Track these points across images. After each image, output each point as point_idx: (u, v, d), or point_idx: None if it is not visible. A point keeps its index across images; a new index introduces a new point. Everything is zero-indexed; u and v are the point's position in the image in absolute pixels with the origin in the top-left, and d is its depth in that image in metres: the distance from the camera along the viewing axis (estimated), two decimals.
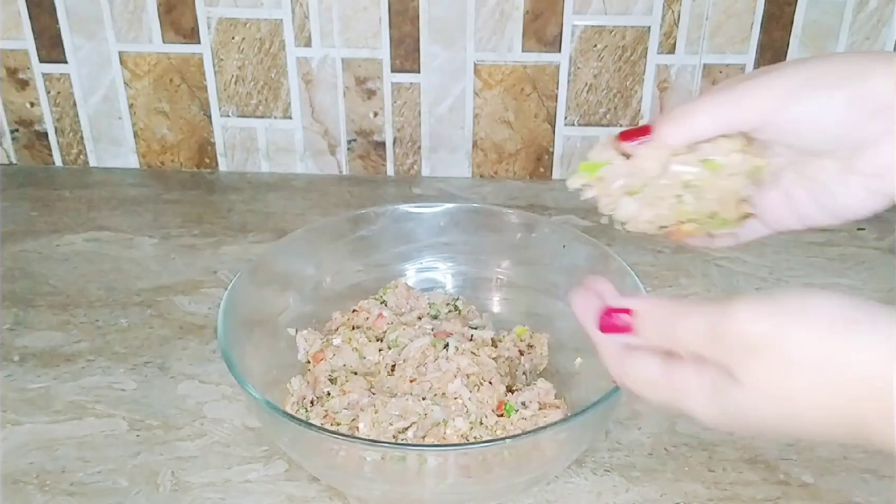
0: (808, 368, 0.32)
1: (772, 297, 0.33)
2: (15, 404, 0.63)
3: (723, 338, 0.34)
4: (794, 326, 0.32)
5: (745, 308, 0.33)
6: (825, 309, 0.32)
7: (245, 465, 0.58)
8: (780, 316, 0.32)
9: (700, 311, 0.35)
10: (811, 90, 0.38)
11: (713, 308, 0.34)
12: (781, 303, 0.33)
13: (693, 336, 0.35)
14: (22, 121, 0.95)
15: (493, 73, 0.89)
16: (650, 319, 0.37)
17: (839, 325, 0.32)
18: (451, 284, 0.70)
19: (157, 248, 0.82)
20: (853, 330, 0.31)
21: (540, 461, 0.52)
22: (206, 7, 0.87)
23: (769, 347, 0.32)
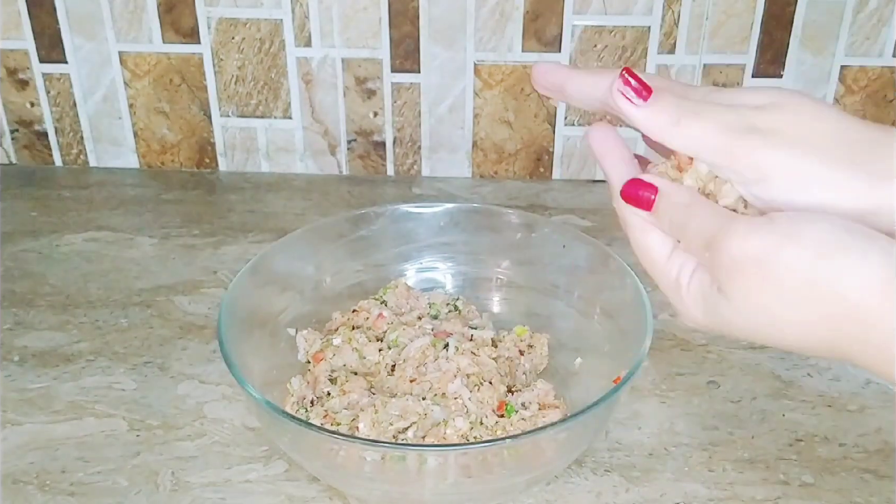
0: (795, 289, 0.33)
1: (770, 219, 0.34)
2: (15, 404, 0.63)
3: (718, 251, 0.35)
4: (785, 249, 0.33)
5: (742, 228, 0.34)
6: (818, 234, 0.33)
7: (245, 465, 0.58)
8: (772, 237, 0.33)
9: (712, 216, 0.36)
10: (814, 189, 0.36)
11: (721, 219, 0.36)
12: (776, 225, 0.34)
13: (698, 237, 0.36)
14: (22, 121, 0.95)
15: (493, 73, 0.89)
16: (671, 204, 0.38)
17: (830, 250, 0.32)
18: (451, 284, 0.70)
19: (157, 248, 0.82)
20: (842, 256, 0.32)
21: (540, 461, 0.52)
22: (206, 7, 0.87)
23: (758, 268, 0.34)
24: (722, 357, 0.67)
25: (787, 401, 0.63)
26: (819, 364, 0.67)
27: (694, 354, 0.68)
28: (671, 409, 0.63)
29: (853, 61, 0.87)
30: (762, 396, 0.64)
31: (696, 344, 0.69)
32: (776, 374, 0.66)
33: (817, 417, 0.62)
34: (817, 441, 0.60)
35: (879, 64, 0.87)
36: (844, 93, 0.89)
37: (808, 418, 0.62)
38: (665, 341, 0.69)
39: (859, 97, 0.89)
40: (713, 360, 0.67)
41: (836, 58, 0.87)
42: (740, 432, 0.61)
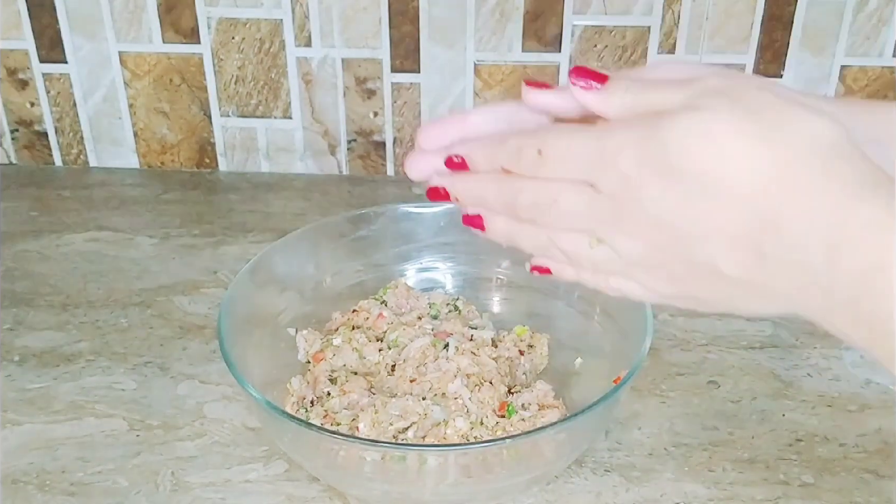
0: (746, 202, 0.32)
1: (737, 106, 0.32)
2: (15, 404, 0.63)
3: (648, 147, 0.33)
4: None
5: (693, 116, 0.32)
6: (753, 108, 0.32)
7: (245, 465, 0.58)
8: (742, 136, 0.32)
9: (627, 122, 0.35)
10: None
11: (651, 115, 0.34)
12: (751, 115, 0.32)
13: (622, 134, 0.35)
14: (22, 121, 0.95)
15: (493, 73, 0.89)
16: (622, 86, 0.36)
17: (759, 126, 0.32)
18: (451, 284, 0.70)
19: (157, 248, 0.82)
20: (771, 130, 0.32)
21: (540, 461, 0.52)
22: (206, 7, 0.87)
23: (705, 181, 0.33)
24: (722, 357, 0.67)
25: (787, 401, 0.63)
26: (819, 364, 0.67)
27: (694, 354, 0.68)
28: (671, 409, 0.63)
29: (853, 61, 0.87)
30: (762, 396, 0.64)
31: (696, 344, 0.69)
32: (776, 374, 0.66)
33: (817, 417, 0.62)
34: (817, 441, 0.60)
35: (879, 64, 0.87)
36: (844, 93, 0.88)
37: (808, 418, 0.62)
38: (665, 341, 0.69)
39: (859, 97, 0.89)
40: (713, 360, 0.67)
41: (836, 58, 0.87)
42: (740, 432, 0.61)
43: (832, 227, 0.30)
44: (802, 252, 0.31)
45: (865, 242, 0.30)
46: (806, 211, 0.31)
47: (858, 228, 0.30)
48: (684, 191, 0.33)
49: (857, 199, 0.30)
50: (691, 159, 0.32)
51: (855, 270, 0.30)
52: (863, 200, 0.30)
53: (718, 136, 0.32)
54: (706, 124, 0.32)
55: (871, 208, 0.30)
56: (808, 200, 0.31)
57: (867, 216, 0.30)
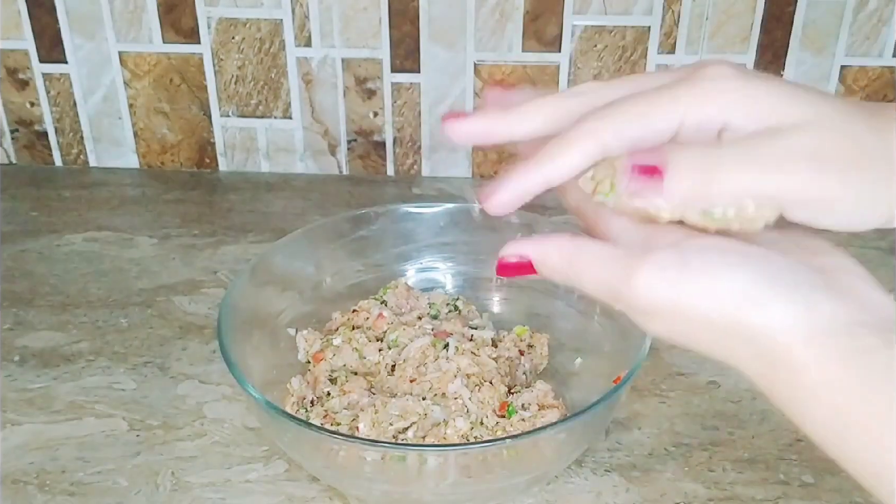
0: (710, 331, 0.33)
1: (681, 261, 0.32)
2: (15, 404, 0.63)
3: (623, 300, 0.34)
4: (701, 300, 0.32)
5: (648, 276, 0.33)
6: (734, 285, 0.32)
7: (245, 465, 0.58)
8: (687, 286, 0.32)
9: (604, 266, 0.34)
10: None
11: (617, 268, 0.34)
12: (690, 271, 0.32)
13: (594, 288, 0.35)
14: (22, 121, 0.95)
15: (494, 73, 0.89)
16: (548, 266, 0.37)
17: (745, 303, 0.32)
18: (451, 284, 0.70)
19: (157, 248, 0.82)
20: (747, 305, 0.31)
21: (540, 461, 0.52)
22: (206, 7, 0.87)
23: (670, 315, 0.33)
24: None
25: None
26: None
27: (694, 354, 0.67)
28: (671, 409, 0.63)
29: (853, 61, 0.87)
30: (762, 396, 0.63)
31: None
32: None
33: None
34: None
35: (879, 64, 0.87)
36: (844, 93, 0.88)
37: None
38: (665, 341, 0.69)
39: (859, 97, 0.89)
40: (713, 360, 0.67)
41: (836, 58, 0.87)
42: (740, 432, 0.61)
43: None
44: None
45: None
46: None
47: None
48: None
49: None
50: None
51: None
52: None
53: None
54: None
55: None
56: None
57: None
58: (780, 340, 0.31)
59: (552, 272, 0.37)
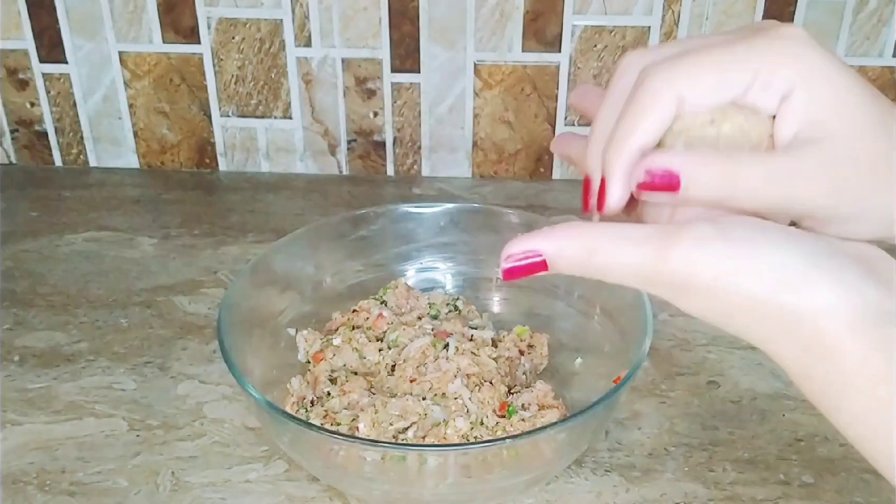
0: (750, 311, 0.31)
1: (722, 236, 0.30)
2: (15, 404, 0.63)
3: (659, 280, 0.31)
4: (743, 277, 0.30)
5: (687, 251, 0.30)
6: (779, 261, 0.30)
7: (245, 465, 0.58)
8: (729, 262, 0.30)
9: (634, 247, 0.32)
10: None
11: (651, 247, 0.31)
12: (732, 246, 0.30)
13: (623, 273, 0.32)
14: (22, 121, 0.95)
15: (493, 73, 0.89)
16: (566, 258, 0.33)
17: (793, 282, 0.30)
18: (451, 284, 0.70)
19: (157, 248, 0.82)
20: (794, 284, 0.30)
21: (540, 461, 0.52)
22: (206, 7, 0.87)
23: (709, 294, 0.31)
24: (722, 357, 0.67)
25: (787, 401, 0.63)
26: None
27: (694, 354, 0.68)
28: (671, 409, 0.63)
29: (853, 61, 0.87)
30: (762, 396, 0.64)
31: (696, 344, 0.69)
32: (776, 374, 0.66)
33: (817, 417, 0.61)
34: (817, 441, 0.60)
35: (879, 64, 0.87)
36: None
37: (808, 418, 0.62)
38: (665, 341, 0.69)
39: None
40: (713, 360, 0.67)
41: None
42: (740, 432, 0.61)
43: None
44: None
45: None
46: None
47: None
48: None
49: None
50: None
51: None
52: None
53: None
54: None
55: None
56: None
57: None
58: (823, 324, 0.29)
59: (570, 266, 0.33)
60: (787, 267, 0.30)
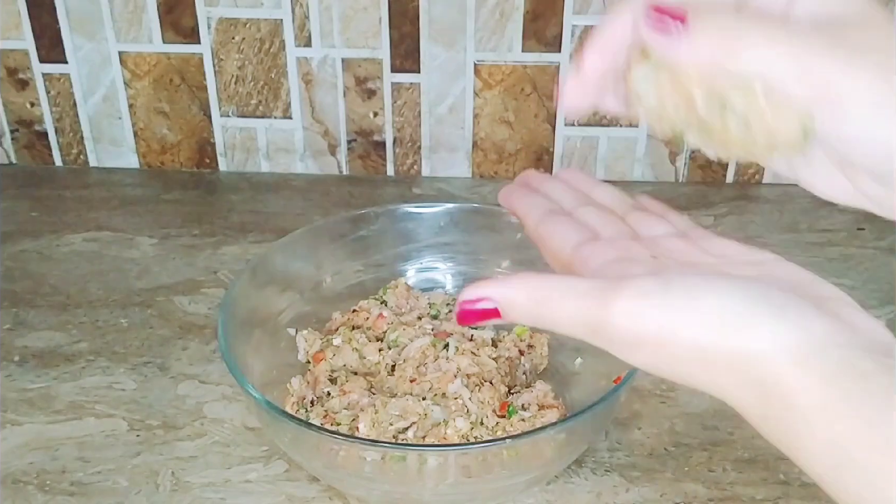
0: (698, 360, 0.30)
1: (662, 288, 0.31)
2: (15, 404, 0.63)
3: (604, 334, 0.32)
4: (685, 326, 0.30)
5: (629, 305, 0.31)
6: (718, 307, 0.30)
7: (245, 465, 0.58)
8: (670, 313, 0.30)
9: (579, 300, 0.32)
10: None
11: (594, 300, 0.32)
12: (672, 297, 0.30)
13: (570, 324, 0.32)
14: (22, 121, 0.95)
15: (493, 73, 0.89)
16: (516, 307, 0.34)
17: (732, 326, 0.30)
18: (451, 284, 0.70)
19: (157, 248, 0.82)
20: (737, 326, 0.30)
21: (540, 461, 0.52)
22: (206, 7, 0.87)
23: (656, 345, 0.31)
24: None
25: None
26: None
27: None
28: (671, 409, 0.63)
29: None
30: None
31: None
32: None
33: None
34: None
35: None
36: None
37: None
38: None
39: None
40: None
41: None
42: (740, 432, 0.61)
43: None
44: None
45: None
46: None
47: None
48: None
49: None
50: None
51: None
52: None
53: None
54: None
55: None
56: None
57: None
58: (771, 363, 0.29)
59: (520, 316, 0.34)
60: (727, 311, 0.30)
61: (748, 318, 0.29)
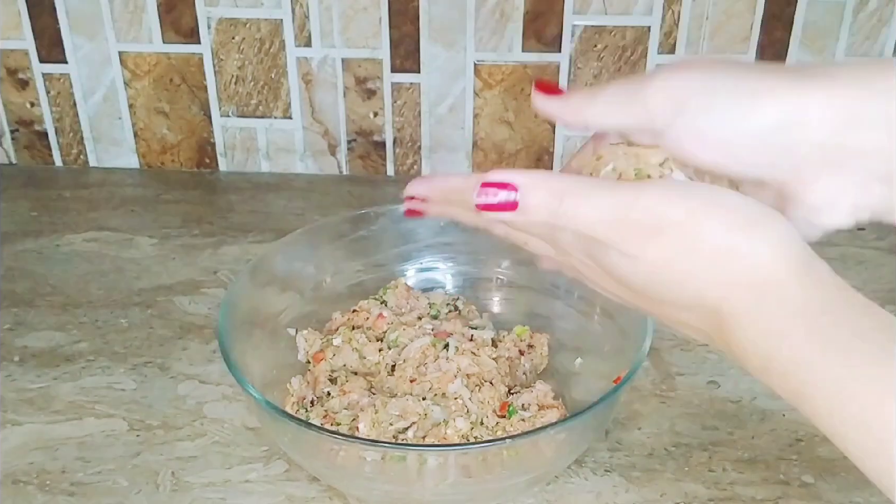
0: (709, 253, 0.33)
1: (684, 185, 0.34)
2: (15, 404, 0.63)
3: (630, 220, 0.34)
4: (705, 216, 0.33)
5: (659, 192, 0.34)
6: (733, 205, 0.33)
7: (245, 465, 0.58)
8: (693, 202, 0.33)
9: (608, 191, 0.35)
10: (727, 98, 0.33)
11: (623, 191, 0.34)
12: (693, 192, 0.34)
13: (592, 217, 0.34)
14: (22, 121, 0.95)
15: (493, 73, 0.89)
16: (537, 198, 0.35)
17: (743, 222, 0.33)
18: (451, 284, 0.70)
19: (157, 248, 0.82)
20: (753, 229, 0.33)
21: (540, 461, 0.52)
22: (206, 7, 0.87)
23: (680, 230, 0.33)
24: (722, 357, 0.67)
25: None
26: None
27: (694, 354, 0.68)
28: (671, 409, 0.63)
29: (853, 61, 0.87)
30: (762, 396, 0.64)
31: (696, 344, 0.69)
32: None
33: None
34: (817, 441, 0.60)
35: None
36: None
37: None
38: (665, 341, 0.69)
39: None
40: (713, 360, 0.67)
41: (837, 58, 0.87)
42: (740, 432, 0.61)
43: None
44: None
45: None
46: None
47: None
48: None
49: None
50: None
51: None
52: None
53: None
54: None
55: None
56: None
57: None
58: (779, 263, 0.32)
59: (540, 207, 0.35)
60: (744, 208, 0.33)
61: (761, 217, 0.33)
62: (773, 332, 0.32)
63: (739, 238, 0.33)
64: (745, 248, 0.33)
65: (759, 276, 0.32)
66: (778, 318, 0.32)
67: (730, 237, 0.33)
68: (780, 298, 0.32)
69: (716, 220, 0.33)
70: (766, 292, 0.32)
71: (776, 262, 0.32)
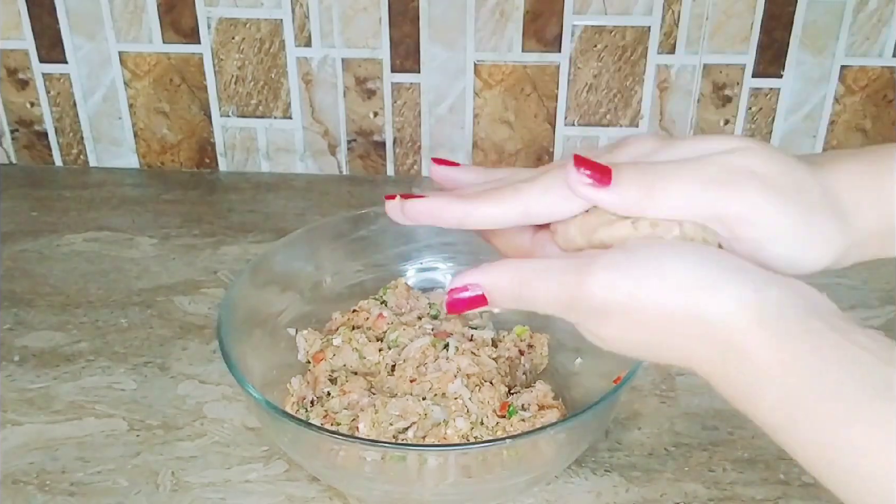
0: (666, 324, 0.33)
1: (630, 258, 0.34)
2: (15, 404, 0.63)
3: (579, 306, 0.35)
4: (652, 291, 0.33)
5: (601, 276, 0.34)
6: (683, 272, 0.33)
7: (245, 465, 0.58)
8: (638, 280, 0.33)
9: (556, 277, 0.35)
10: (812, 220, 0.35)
11: (570, 276, 0.35)
12: (640, 265, 0.33)
13: (548, 301, 0.36)
14: (22, 121, 0.95)
15: (493, 73, 0.89)
16: (500, 291, 0.37)
17: (697, 288, 0.32)
18: None
19: (157, 248, 0.82)
20: (701, 290, 0.32)
21: (540, 461, 0.52)
22: (206, 7, 0.87)
23: (625, 313, 0.33)
24: None
25: None
26: None
27: None
28: (671, 409, 0.63)
29: (853, 61, 0.87)
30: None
31: None
32: None
33: None
34: None
35: (879, 64, 0.87)
36: (844, 93, 0.89)
37: None
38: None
39: (859, 97, 0.89)
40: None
41: (837, 58, 0.87)
42: (740, 432, 0.61)
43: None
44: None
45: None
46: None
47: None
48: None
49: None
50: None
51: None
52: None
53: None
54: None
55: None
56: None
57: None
58: (732, 323, 0.31)
59: (504, 298, 0.37)
60: (692, 276, 0.33)
61: (711, 281, 0.32)
62: (740, 397, 0.32)
63: (684, 310, 0.32)
64: (693, 310, 0.32)
65: (720, 335, 0.32)
66: (741, 383, 0.32)
67: (676, 308, 0.32)
68: (741, 359, 0.32)
69: (656, 296, 0.33)
70: (726, 351, 0.32)
71: (735, 321, 0.31)
